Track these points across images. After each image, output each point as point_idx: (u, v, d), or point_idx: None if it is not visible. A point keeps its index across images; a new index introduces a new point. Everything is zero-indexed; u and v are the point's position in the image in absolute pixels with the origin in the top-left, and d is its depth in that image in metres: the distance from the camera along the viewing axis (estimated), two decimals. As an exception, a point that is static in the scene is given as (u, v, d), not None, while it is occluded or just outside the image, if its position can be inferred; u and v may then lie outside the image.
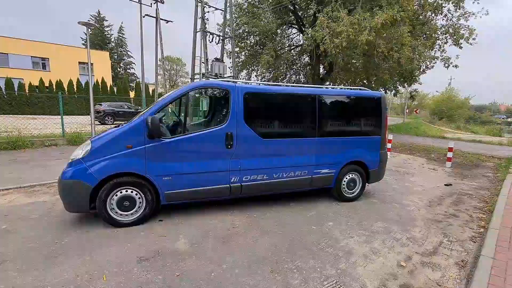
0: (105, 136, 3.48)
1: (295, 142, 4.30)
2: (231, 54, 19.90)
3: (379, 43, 11.46)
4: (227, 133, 3.82)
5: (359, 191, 4.94)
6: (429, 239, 3.59)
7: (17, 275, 2.53)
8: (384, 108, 4.90)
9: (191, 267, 2.76)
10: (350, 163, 4.76)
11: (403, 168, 8.05)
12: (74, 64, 32.77)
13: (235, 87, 3.87)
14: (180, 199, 3.81)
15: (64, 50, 32.15)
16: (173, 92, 3.68)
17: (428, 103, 52.33)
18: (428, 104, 51.67)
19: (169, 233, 3.47)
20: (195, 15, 17.03)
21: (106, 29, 51.80)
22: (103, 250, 3.01)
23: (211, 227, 3.69)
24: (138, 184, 3.54)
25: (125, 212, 3.54)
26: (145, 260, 2.84)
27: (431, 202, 5.11)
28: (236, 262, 2.88)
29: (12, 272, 2.57)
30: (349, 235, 3.62)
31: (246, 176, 4.03)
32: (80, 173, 3.32)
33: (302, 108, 4.35)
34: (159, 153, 3.55)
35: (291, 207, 4.56)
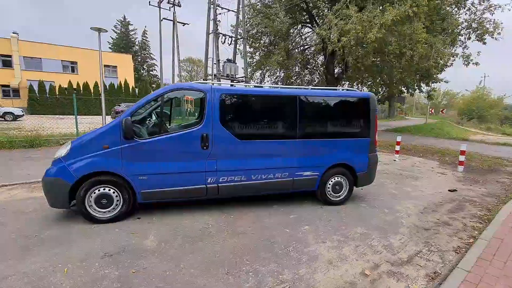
0: (84, 136, 3.68)
1: (274, 144, 4.25)
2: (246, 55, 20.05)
3: (390, 41, 10.98)
4: (203, 134, 3.87)
5: (345, 195, 4.78)
6: (407, 248, 3.40)
7: (-10, 264, 2.75)
8: (373, 109, 4.70)
9: (150, 264, 2.84)
10: (335, 166, 4.63)
11: (408, 172, 7.66)
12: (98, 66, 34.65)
13: (210, 88, 3.91)
14: (157, 199, 3.92)
15: (91, 54, 34.03)
16: (149, 95, 3.80)
17: (457, 103, 49.17)
18: (458, 103, 48.53)
19: (142, 230, 3.59)
20: (208, 17, 17.34)
21: (131, 33, 54.18)
22: (76, 244, 3.19)
23: (185, 226, 3.76)
24: (115, 183, 3.69)
25: (103, 210, 3.71)
26: (109, 256, 2.97)
27: (426, 209, 4.83)
28: (196, 262, 2.92)
29: (-13, 261, 2.80)
30: (322, 240, 3.53)
31: (223, 177, 4.06)
32: (60, 172, 3.53)
33: (281, 109, 4.30)
34: (135, 153, 3.69)
35: (273, 209, 4.52)
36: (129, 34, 53.97)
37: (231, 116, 4.04)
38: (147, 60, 56.54)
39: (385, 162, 8.87)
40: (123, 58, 36.94)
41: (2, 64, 29.21)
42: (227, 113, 3.99)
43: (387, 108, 42.36)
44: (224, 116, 3.95)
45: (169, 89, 3.85)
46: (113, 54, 37.99)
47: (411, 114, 56.75)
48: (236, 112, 4.12)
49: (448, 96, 60.62)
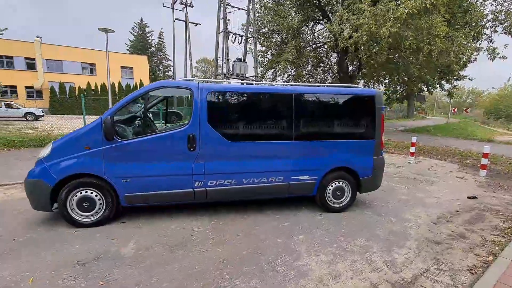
0: (66, 137, 3.54)
1: (267, 145, 3.94)
2: (256, 54, 19.78)
3: (406, 35, 10.31)
4: (189, 135, 3.63)
5: (348, 201, 4.39)
6: (412, 265, 2.98)
7: (-42, 270, 2.64)
8: (378, 107, 4.27)
9: (121, 276, 2.63)
10: (336, 170, 4.25)
11: (423, 176, 7.08)
12: (117, 68, 35.55)
13: (197, 86, 3.66)
14: (141, 202, 3.73)
15: (110, 56, 35.11)
16: (132, 93, 3.60)
17: (483, 102, 46.38)
18: (484, 102, 45.77)
19: (124, 236, 3.40)
20: (218, 16, 17.22)
21: (148, 35, 55.42)
22: (51, 250, 3.04)
23: (169, 232, 3.54)
24: (97, 185, 3.53)
25: (85, 213, 3.56)
26: (81, 265, 2.79)
27: (440, 218, 4.34)
28: (171, 274, 2.68)
29: (-44, 266, 2.70)
30: (315, 252, 3.18)
31: (212, 180, 3.80)
32: (41, 173, 3.41)
33: (275, 108, 3.98)
34: (117, 155, 3.50)
35: (267, 215, 4.21)
36: (146, 36, 55.21)
37: (220, 115, 3.77)
38: (162, 61, 57.61)
39: (398, 165, 8.30)
40: (139, 60, 37.78)
41: (27, 66, 30.65)
42: (216, 112, 3.73)
43: (405, 107, 40.64)
44: (212, 115, 3.69)
45: (153, 87, 3.64)
46: (129, 56, 38.97)
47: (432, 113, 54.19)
48: (226, 111, 3.85)
49: (473, 95, 57.43)
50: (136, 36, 53.94)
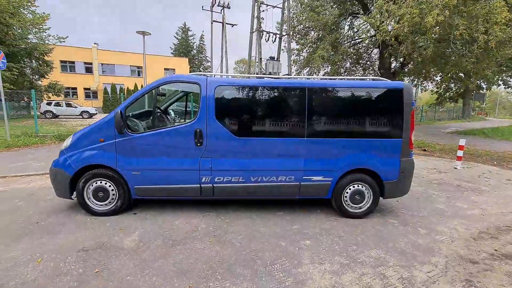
0: (84, 130, 3.76)
1: (277, 142, 3.72)
2: (290, 52, 19.40)
3: (457, 24, 9.10)
4: (196, 130, 3.60)
5: (368, 207, 3.95)
6: (435, 285, 2.53)
7: (-15, 246, 2.95)
8: (407, 103, 3.75)
9: (117, 266, 2.67)
10: (355, 171, 3.85)
11: (470, 183, 6.14)
12: (161, 70, 37.99)
13: (205, 80, 3.61)
14: (150, 195, 3.80)
15: (154, 59, 37.63)
16: (143, 88, 3.69)
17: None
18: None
19: (130, 227, 3.50)
20: (252, 15, 17.25)
21: (190, 38, 58.24)
22: (64, 235, 3.24)
23: (174, 227, 3.55)
24: (111, 177, 3.69)
25: (100, 202, 3.75)
26: (85, 251, 2.91)
27: (482, 234, 3.67)
28: (163, 269, 2.65)
29: (-16, 243, 3.02)
30: (320, 260, 2.89)
31: (219, 177, 3.72)
32: (62, 163, 3.67)
33: (286, 103, 3.74)
34: (128, 148, 3.62)
35: (276, 216, 3.99)
36: (188, 39, 58.06)
37: (228, 110, 3.67)
38: (203, 63, 60.01)
39: (441, 170, 7.35)
40: (181, 62, 39.86)
41: (85, 70, 34.34)
42: (224, 107, 3.63)
43: (461, 107, 36.32)
44: (220, 110, 3.60)
45: (163, 81, 3.68)
46: (171, 58, 41.34)
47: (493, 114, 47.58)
48: (234, 106, 3.73)
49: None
50: (179, 40, 57.06)
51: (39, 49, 21.12)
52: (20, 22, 19.04)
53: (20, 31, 19.69)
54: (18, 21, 18.73)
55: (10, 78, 18.38)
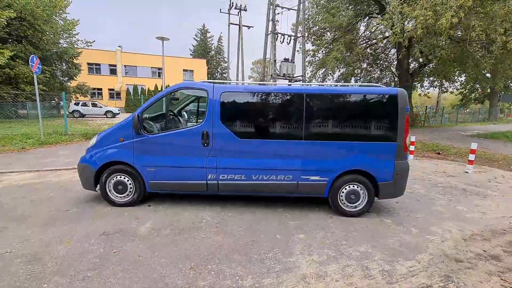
0: (107, 130, 4.27)
1: (276, 144, 4.04)
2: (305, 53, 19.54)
3: (474, 25, 8.92)
4: (203, 132, 4.00)
5: (364, 206, 4.17)
6: (413, 279, 2.75)
7: (25, 228, 3.51)
8: (402, 108, 3.94)
9: (131, 248, 3.12)
10: (350, 172, 4.08)
11: (477, 187, 6.11)
12: (180, 71, 39.27)
13: (212, 87, 4.00)
14: (163, 189, 4.25)
15: (173, 60, 38.99)
16: (158, 94, 4.14)
17: None
18: None
19: (145, 216, 3.96)
20: (267, 18, 17.58)
21: (209, 39, 59.49)
22: (89, 221, 3.76)
23: (182, 218, 3.96)
24: (129, 172, 4.18)
25: (119, 195, 4.25)
26: (106, 235, 3.39)
27: (475, 236, 3.78)
28: (170, 253, 3.06)
29: (24, 226, 3.59)
30: (310, 252, 3.19)
31: (223, 174, 4.10)
32: (88, 159, 4.21)
33: (285, 107, 4.05)
34: (144, 147, 4.09)
35: (277, 212, 4.31)
36: (207, 40, 59.33)
37: (231, 114, 4.04)
38: (221, 64, 61.08)
39: (451, 174, 7.31)
40: (199, 63, 40.95)
41: (110, 72, 36.20)
42: (228, 111, 4.01)
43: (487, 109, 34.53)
44: (224, 114, 3.98)
45: (175, 88, 4.12)
46: (190, 60, 42.51)
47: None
48: (237, 110, 4.09)
49: None
50: (198, 42, 58.47)
51: (68, 53, 22.66)
52: (53, 29, 20.57)
53: (53, 36, 21.27)
54: (51, 27, 20.25)
55: (43, 80, 19.93)
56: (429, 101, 44.83)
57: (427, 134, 16.08)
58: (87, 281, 2.53)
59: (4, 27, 17.12)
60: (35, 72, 8.96)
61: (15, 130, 11.50)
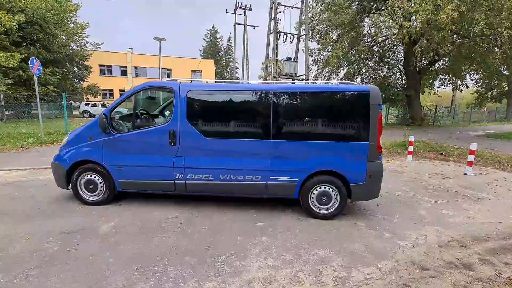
0: (78, 129, 4.31)
1: (243, 143, 3.94)
2: (310, 52, 19.27)
3: (477, 19, 8.46)
4: (170, 131, 3.96)
5: (336, 208, 4.00)
6: (367, 287, 2.59)
7: (-7, 224, 3.59)
8: (374, 106, 3.74)
9: (85, 247, 3.12)
10: (321, 173, 3.93)
11: (472, 190, 5.77)
12: (188, 72, 39.74)
13: (178, 86, 3.95)
14: (132, 188, 4.25)
15: (182, 61, 39.55)
16: (124, 93, 4.14)
17: None
18: None
19: (111, 216, 3.96)
20: (269, 16, 17.45)
21: (218, 40, 59.93)
22: (57, 219, 3.80)
23: (149, 218, 3.94)
24: (99, 171, 4.19)
25: (90, 193, 4.28)
26: (66, 233, 3.41)
27: (452, 242, 3.54)
28: (122, 252, 3.03)
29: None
30: (266, 255, 3.07)
31: (191, 174, 4.04)
32: (60, 158, 4.26)
33: (251, 106, 3.94)
34: (112, 146, 4.09)
35: (248, 213, 4.21)
36: (217, 41, 59.79)
37: (198, 112, 3.98)
38: (230, 64, 61.34)
39: (448, 176, 6.96)
40: (207, 63, 41.28)
41: (120, 73, 37.11)
42: (194, 109, 3.95)
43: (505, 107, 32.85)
44: (190, 112, 3.92)
45: (141, 88, 4.11)
46: (198, 60, 42.84)
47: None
48: (203, 109, 4.02)
49: None
50: (208, 42, 59.01)
51: (79, 55, 23.39)
52: (63, 32, 21.28)
53: (65, 39, 22.02)
54: (61, 30, 20.96)
55: (54, 82, 20.66)
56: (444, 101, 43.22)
57: (434, 134, 15.45)
58: (29, 279, 2.53)
59: (17, 31, 17.88)
60: (35, 73, 9.25)
61: (20, 130, 11.94)
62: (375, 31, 17.17)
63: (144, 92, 4.28)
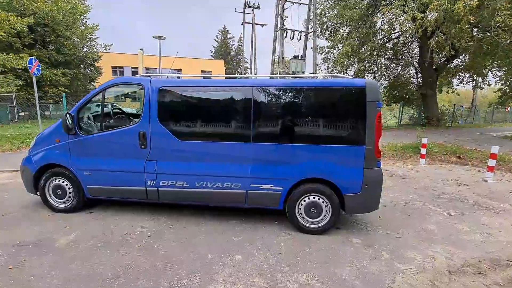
0: (45, 130, 3.99)
1: (220, 146, 3.48)
2: (319, 50, 18.56)
3: (500, 8, 7.61)
4: (140, 132, 3.56)
5: (327, 222, 3.46)
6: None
7: None
8: (371, 103, 3.18)
9: (33, 264, 2.75)
10: (310, 181, 3.41)
11: (493, 201, 5.04)
12: (198, 72, 39.75)
13: (149, 81, 3.54)
14: (102, 195, 3.88)
15: (191, 62, 39.59)
16: (91, 91, 3.77)
17: None
18: None
19: (75, 225, 3.61)
20: (276, 14, 16.92)
21: (229, 40, 59.87)
22: (16, 228, 3.49)
23: (115, 228, 3.55)
24: (67, 176, 3.85)
25: (59, 200, 3.95)
26: (18, 246, 3.07)
27: (466, 266, 2.92)
28: (71, 272, 2.65)
29: None
30: (236, 281, 2.59)
31: (163, 180, 3.62)
32: (27, 161, 3.96)
33: (230, 104, 3.46)
34: (80, 148, 3.74)
35: (228, 224, 3.74)
36: (227, 41, 59.76)
37: (170, 111, 3.55)
38: (241, 64, 61.13)
39: (464, 182, 6.21)
40: (217, 64, 41.19)
41: (132, 74, 37.60)
42: (166, 108, 3.53)
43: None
44: (162, 111, 3.50)
45: (109, 84, 3.72)
46: (209, 61, 42.95)
47: None
48: (176, 107, 3.59)
49: None
50: (219, 43, 59.08)
51: (89, 56, 23.73)
52: (74, 34, 21.62)
53: (78, 40, 22.39)
54: (71, 32, 21.29)
55: (65, 83, 21.02)
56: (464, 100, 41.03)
57: (451, 135, 14.39)
58: (-51, 305, 2.18)
59: (28, 33, 18.27)
60: (34, 73, 9.18)
61: (26, 130, 12.02)
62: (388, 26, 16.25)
63: (114, 88, 3.89)
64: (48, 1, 18.87)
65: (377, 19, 14.08)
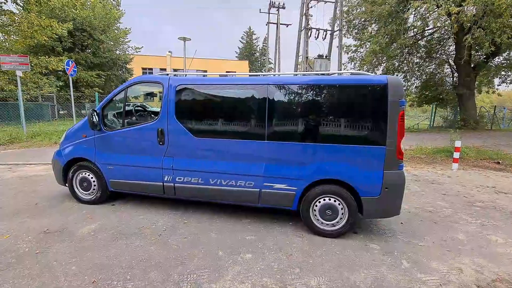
0: (74, 126, 4.25)
1: (235, 144, 3.47)
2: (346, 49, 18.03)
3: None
4: (158, 129, 3.66)
5: (343, 225, 3.31)
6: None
7: (-14, 218, 3.64)
8: (394, 102, 2.98)
9: (55, 250, 2.94)
10: (324, 182, 3.28)
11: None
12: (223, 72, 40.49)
13: (167, 79, 3.63)
14: (123, 189, 4.05)
15: (216, 63, 40.42)
16: (115, 90, 3.95)
17: None
18: None
19: (97, 216, 3.80)
20: (301, 13, 16.70)
21: (254, 41, 60.24)
22: (44, 217, 3.75)
23: (133, 221, 3.69)
24: (92, 169, 4.08)
25: (85, 191, 4.19)
26: (45, 233, 3.30)
27: (498, 282, 2.63)
28: (88, 260, 2.78)
29: (-12, 215, 3.72)
30: (244, 279, 2.56)
31: (180, 177, 3.70)
32: (57, 155, 4.25)
33: (246, 101, 3.43)
34: (104, 144, 3.94)
35: (240, 223, 3.73)
36: (252, 42, 60.16)
37: (187, 109, 3.62)
38: (265, 65, 61.19)
39: (502, 190, 5.66)
40: (241, 64, 41.65)
41: (160, 75, 39.17)
42: (183, 106, 3.60)
43: None
44: (179, 109, 3.58)
45: (131, 83, 3.87)
46: (233, 62, 43.54)
47: None
48: (193, 105, 3.64)
49: None
50: (244, 44, 59.66)
51: (121, 59, 25.11)
52: (108, 38, 23.01)
53: (111, 44, 23.83)
54: (106, 36, 22.68)
55: (100, 84, 22.46)
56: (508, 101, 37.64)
57: (491, 139, 13.20)
58: (-19, 283, 2.38)
59: (68, 38, 19.76)
60: (70, 74, 9.89)
61: (64, 127, 12.98)
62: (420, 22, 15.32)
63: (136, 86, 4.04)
64: (86, 8, 20.21)
65: (408, 14, 13.33)
